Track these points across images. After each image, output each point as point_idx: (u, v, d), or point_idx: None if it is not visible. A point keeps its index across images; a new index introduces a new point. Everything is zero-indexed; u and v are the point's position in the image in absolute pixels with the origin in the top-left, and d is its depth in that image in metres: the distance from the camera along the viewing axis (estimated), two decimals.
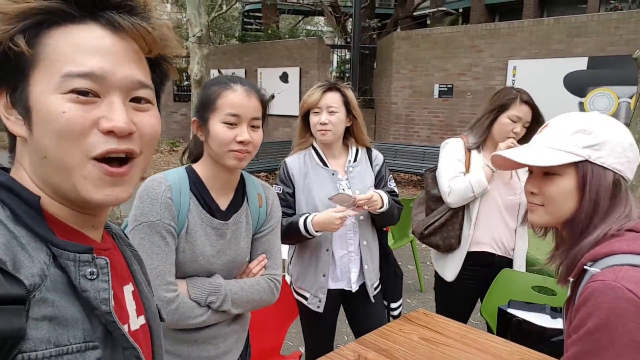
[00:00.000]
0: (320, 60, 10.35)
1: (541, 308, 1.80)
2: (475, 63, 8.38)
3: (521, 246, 2.08)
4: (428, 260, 4.54)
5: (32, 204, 0.53)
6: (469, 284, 2.10)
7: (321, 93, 1.84)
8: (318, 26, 21.08)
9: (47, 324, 0.48)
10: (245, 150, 1.23)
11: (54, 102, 0.51)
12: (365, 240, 1.93)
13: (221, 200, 1.32)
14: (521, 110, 1.95)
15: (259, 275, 1.36)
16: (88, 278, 0.52)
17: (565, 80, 7.45)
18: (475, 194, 1.99)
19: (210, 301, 1.23)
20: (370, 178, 1.95)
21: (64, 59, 0.51)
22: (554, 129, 1.02)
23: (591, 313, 0.84)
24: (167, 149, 11.91)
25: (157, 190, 1.22)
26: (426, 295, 3.77)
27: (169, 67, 0.64)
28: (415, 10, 13.47)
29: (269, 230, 1.41)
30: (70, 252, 0.52)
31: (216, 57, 11.60)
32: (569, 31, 7.48)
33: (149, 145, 0.59)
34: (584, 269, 0.92)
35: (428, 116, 9.01)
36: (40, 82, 0.51)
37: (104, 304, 0.53)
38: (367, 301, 1.96)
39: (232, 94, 1.23)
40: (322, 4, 13.35)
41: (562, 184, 0.97)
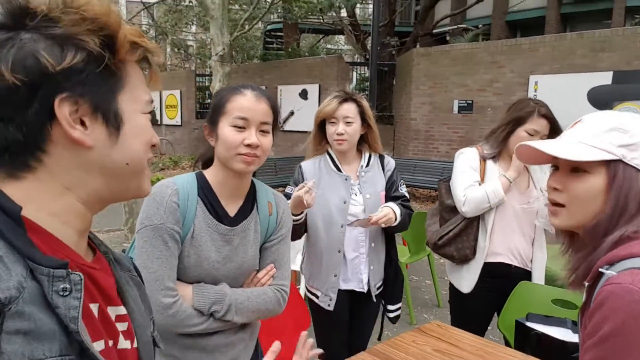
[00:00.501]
0: (339, 78, 10.44)
1: (562, 322, 1.72)
2: (496, 79, 8.31)
3: (540, 257, 2.01)
4: (446, 275, 4.45)
5: (12, 215, 0.53)
6: (486, 296, 2.04)
7: (338, 104, 1.90)
8: (338, 45, 21.34)
9: (20, 337, 0.47)
10: (254, 154, 1.22)
11: (144, 120, 0.63)
12: (373, 243, 1.99)
13: (230, 207, 1.31)
14: (539, 124, 1.90)
15: (266, 285, 1.34)
16: (60, 294, 0.51)
17: (589, 95, 7.30)
18: (491, 204, 1.94)
19: (214, 310, 1.22)
20: (382, 183, 2.00)
21: (140, 87, 0.62)
22: (587, 124, 0.96)
23: (606, 317, 0.79)
24: (189, 165, 12.13)
25: (163, 194, 1.22)
26: (443, 311, 3.68)
27: None
28: (434, 27, 13.53)
29: (279, 240, 1.39)
30: (44, 267, 0.51)
31: (238, 75, 11.83)
32: (592, 46, 7.36)
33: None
34: (600, 273, 0.87)
35: (447, 132, 8.95)
36: (129, 102, 0.60)
37: (73, 322, 0.51)
38: (369, 300, 2.03)
39: (241, 98, 1.23)
40: (342, 22, 13.55)
41: (590, 182, 0.91)
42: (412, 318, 3.48)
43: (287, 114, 10.82)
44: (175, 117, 14.15)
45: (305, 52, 14.03)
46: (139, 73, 0.62)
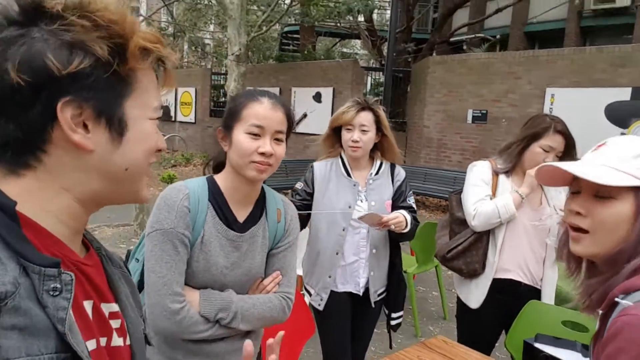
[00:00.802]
0: (354, 82, 10.42)
1: (571, 345, 1.68)
2: (512, 90, 8.23)
3: (550, 276, 1.98)
4: (453, 287, 4.40)
5: (7, 210, 0.53)
6: (494, 313, 2.01)
7: (355, 112, 1.94)
8: (354, 49, 21.34)
9: (16, 333, 0.47)
10: (267, 162, 1.22)
11: (150, 126, 0.62)
12: (375, 249, 2.01)
13: (240, 213, 1.31)
14: (554, 140, 1.88)
15: (272, 292, 1.34)
16: (50, 294, 0.51)
17: (606, 110, 7.19)
18: (501, 219, 1.92)
19: (220, 317, 1.22)
20: (389, 192, 2.02)
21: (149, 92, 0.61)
22: (613, 148, 0.93)
23: (621, 349, 0.77)
24: (200, 162, 12.19)
25: (175, 199, 1.22)
26: (450, 324, 3.63)
27: None
28: (452, 35, 13.45)
29: (286, 247, 1.39)
30: (35, 265, 0.51)
31: (253, 75, 11.87)
32: (612, 61, 7.25)
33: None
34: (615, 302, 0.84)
35: (460, 141, 8.87)
36: (136, 108, 0.59)
37: (60, 324, 0.51)
38: (367, 305, 2.05)
39: (258, 106, 1.23)
40: (359, 27, 13.53)
41: (617, 209, 0.88)
42: (417, 330, 3.44)
43: (300, 116, 10.84)
44: (190, 114, 14.25)
45: (321, 55, 14.02)
46: (150, 78, 0.62)
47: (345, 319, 2.07)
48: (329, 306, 2.00)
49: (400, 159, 2.07)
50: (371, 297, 2.02)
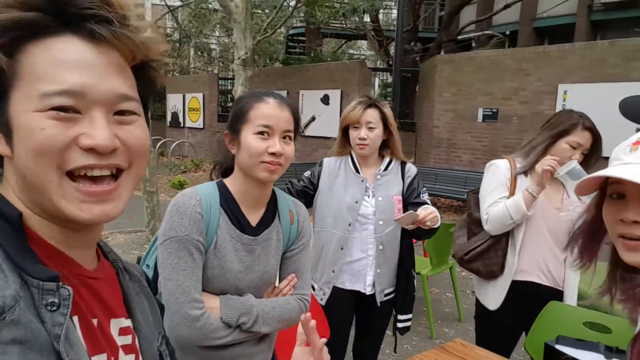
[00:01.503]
0: (361, 84, 10.40)
1: (594, 346, 1.63)
2: (522, 87, 8.13)
3: (572, 276, 1.92)
4: (468, 288, 4.34)
5: (12, 222, 0.51)
6: (513, 315, 1.96)
7: (362, 110, 1.95)
8: (361, 50, 21.33)
9: (17, 347, 0.45)
10: (277, 162, 1.21)
11: (34, 119, 0.49)
12: (381, 245, 1.98)
13: (252, 216, 1.30)
14: (583, 137, 1.82)
15: (288, 294, 1.33)
16: (48, 309, 0.49)
17: (621, 105, 7.07)
18: (514, 221, 1.86)
19: (242, 322, 1.21)
20: (397, 188, 2.02)
21: (42, 76, 0.50)
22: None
23: None
24: (210, 168, 12.24)
25: (187, 205, 1.21)
26: (465, 326, 3.57)
27: (156, 75, 0.61)
28: (459, 34, 13.36)
29: (300, 249, 1.38)
30: (34, 278, 0.49)
31: (260, 79, 11.91)
32: (625, 54, 7.13)
33: (138, 157, 0.57)
34: None
35: (471, 140, 8.79)
36: (20, 101, 0.50)
37: (56, 340, 0.49)
38: (374, 304, 2.02)
39: (264, 106, 1.23)
40: (365, 28, 13.51)
41: None
42: (432, 332, 3.39)
43: (309, 119, 10.83)
44: (198, 120, 14.33)
45: (328, 57, 14.02)
46: (48, 53, 0.50)
47: (347, 317, 2.07)
48: (331, 301, 2.00)
49: (401, 156, 2.06)
50: (377, 297, 2.00)
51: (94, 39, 0.52)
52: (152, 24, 0.57)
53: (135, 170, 0.57)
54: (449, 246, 3.69)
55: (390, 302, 2.06)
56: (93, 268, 0.61)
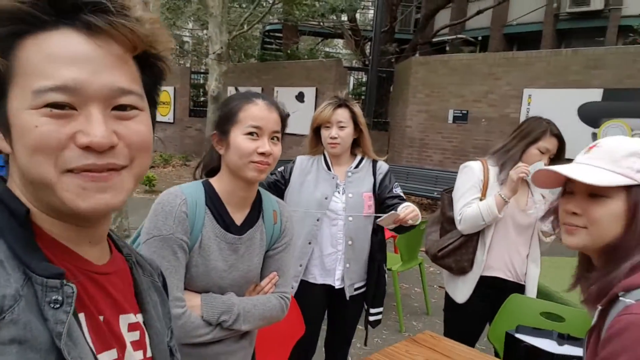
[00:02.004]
0: (337, 82, 10.48)
1: (548, 334, 1.78)
2: (492, 90, 8.42)
3: (534, 270, 2.07)
4: (435, 283, 4.50)
5: (19, 218, 0.51)
6: (479, 307, 2.09)
7: (332, 110, 1.99)
8: (337, 48, 21.40)
9: (16, 347, 0.45)
10: (266, 162, 1.24)
11: (28, 117, 0.48)
12: (350, 240, 2.02)
13: (237, 215, 1.32)
14: (551, 143, 1.95)
15: (270, 292, 1.36)
16: (51, 306, 0.48)
17: (579, 110, 7.44)
18: (486, 222, 1.98)
19: (223, 320, 1.23)
20: (368, 186, 2.06)
21: (36, 72, 0.48)
22: (605, 149, 0.97)
23: (625, 348, 0.79)
24: (180, 163, 12.04)
25: (172, 204, 1.22)
26: (432, 319, 3.72)
27: (162, 65, 0.59)
28: (434, 36, 13.63)
29: (283, 248, 1.41)
30: (38, 275, 0.48)
31: (234, 74, 11.79)
32: (586, 63, 7.50)
33: (140, 153, 0.55)
34: (614, 298, 0.87)
35: (442, 141, 9.03)
36: (16, 98, 0.49)
37: (58, 338, 0.48)
38: (344, 298, 2.06)
39: (253, 107, 1.25)
40: (342, 26, 13.59)
41: (610, 207, 0.92)
42: (401, 326, 3.52)
43: None
44: (168, 114, 13.98)
45: (304, 54, 14.03)
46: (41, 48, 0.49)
47: (318, 311, 2.09)
48: (302, 296, 2.01)
49: (372, 154, 2.11)
50: (346, 291, 2.04)
51: (90, 30, 0.49)
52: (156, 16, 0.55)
53: (138, 166, 0.56)
54: (419, 243, 3.83)
55: (361, 297, 2.10)
56: (103, 263, 0.60)
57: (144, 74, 0.57)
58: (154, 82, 0.60)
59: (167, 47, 0.57)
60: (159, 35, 0.55)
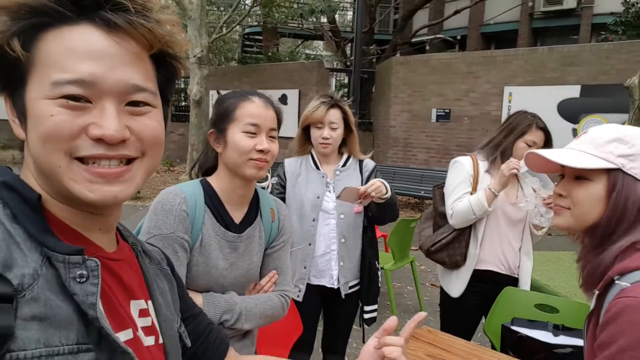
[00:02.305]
0: (319, 84, 10.51)
1: (544, 325, 1.82)
2: (472, 89, 8.56)
3: (526, 263, 2.11)
4: (427, 281, 4.55)
5: (32, 204, 0.53)
6: (474, 301, 2.13)
7: (325, 110, 1.98)
8: (317, 50, 21.45)
9: (37, 324, 0.47)
10: (264, 159, 1.25)
11: (44, 106, 0.50)
12: (343, 238, 2.03)
13: (235, 214, 1.32)
14: (537, 136, 2.00)
15: (270, 291, 1.37)
16: (77, 281, 0.50)
17: (559, 107, 7.62)
18: (477, 216, 2.02)
19: (225, 319, 1.23)
20: (356, 182, 2.07)
21: (55, 64, 0.50)
22: (592, 135, 1.01)
23: (623, 330, 0.81)
24: (164, 169, 11.90)
25: (172, 203, 1.21)
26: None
27: (177, 65, 0.61)
28: (413, 37, 13.79)
29: (281, 246, 1.42)
30: (59, 253, 0.50)
31: (215, 78, 11.72)
32: (562, 60, 7.69)
33: (152, 148, 0.57)
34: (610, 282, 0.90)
35: (426, 140, 9.13)
36: (34, 88, 0.51)
37: (92, 309, 0.50)
38: (340, 297, 2.07)
39: (250, 105, 1.26)
40: (323, 28, 13.64)
41: (591, 189, 0.97)
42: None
43: None
44: None
45: (285, 56, 14.03)
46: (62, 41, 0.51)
47: (315, 312, 2.10)
48: (307, 300, 2.02)
49: (359, 154, 2.12)
50: (341, 289, 2.04)
51: (109, 27, 0.51)
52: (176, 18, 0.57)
53: (149, 160, 0.57)
54: (410, 241, 3.87)
55: (355, 295, 2.11)
56: (112, 251, 0.61)
57: (159, 73, 0.59)
58: (168, 81, 0.61)
59: (183, 49, 0.59)
60: (176, 36, 0.57)
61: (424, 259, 2.33)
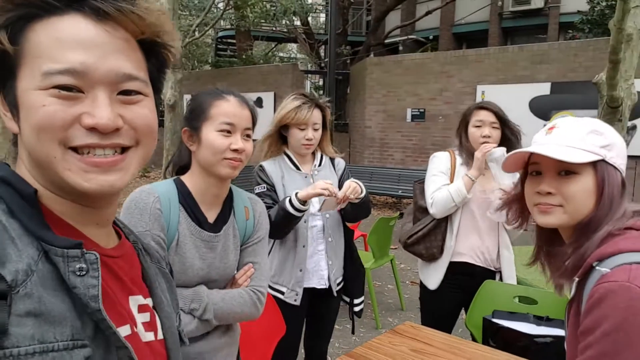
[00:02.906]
0: (294, 86, 10.50)
1: (524, 317, 1.84)
2: (446, 88, 8.69)
3: (507, 255, 2.13)
4: (407, 279, 4.57)
5: (28, 198, 0.52)
6: (452, 293, 2.14)
7: (309, 111, 1.93)
8: (291, 53, 21.44)
9: (31, 320, 0.46)
10: (239, 158, 1.24)
11: (36, 96, 0.50)
12: (330, 237, 2.03)
13: (209, 213, 1.31)
14: (480, 115, 2.07)
15: (243, 286, 1.34)
16: (77, 274, 0.50)
17: (530, 104, 7.81)
18: (456, 203, 2.04)
19: (193, 308, 1.21)
20: (333, 181, 2.06)
21: (45, 54, 0.50)
22: (566, 129, 1.01)
23: (606, 315, 0.82)
24: (139, 175, 11.67)
25: (146, 201, 1.20)
26: (407, 314, 3.77)
27: (167, 53, 0.61)
28: (386, 37, 13.93)
29: (256, 242, 1.40)
30: (57, 247, 0.50)
31: (190, 81, 11.59)
32: (532, 58, 7.88)
33: (145, 136, 0.57)
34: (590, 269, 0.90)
35: (402, 139, 9.22)
36: (25, 79, 0.51)
37: (94, 301, 0.50)
38: (330, 297, 2.06)
39: (225, 104, 1.24)
40: (296, 30, 13.64)
41: (582, 183, 0.96)
42: (377, 322, 3.54)
43: None
44: None
45: (259, 59, 13.97)
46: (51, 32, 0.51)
47: (300, 315, 2.08)
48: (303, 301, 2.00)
49: (332, 152, 2.12)
50: (333, 287, 2.05)
51: (98, 16, 0.51)
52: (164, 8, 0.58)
53: (143, 148, 0.57)
54: (390, 239, 3.88)
55: (341, 291, 2.11)
56: (110, 247, 0.61)
57: (149, 62, 0.59)
58: (159, 69, 0.61)
59: (172, 37, 0.59)
60: (165, 25, 0.57)
61: (404, 258, 2.34)
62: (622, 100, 3.44)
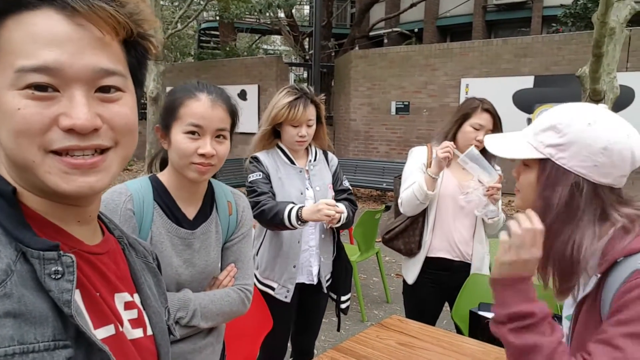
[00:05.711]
0: (278, 79, 10.42)
1: None
2: (430, 81, 8.71)
3: (479, 249, 2.11)
4: (392, 272, 4.58)
5: (7, 197, 0.51)
6: (430, 287, 2.15)
7: (304, 109, 1.87)
8: (275, 45, 21.27)
9: (10, 320, 0.45)
10: (208, 163, 1.17)
11: (10, 99, 0.48)
12: (323, 234, 2.02)
13: (188, 210, 1.27)
14: (482, 118, 2.02)
15: (229, 286, 1.31)
16: (52, 277, 0.49)
17: (514, 97, 7.87)
18: (420, 201, 2.01)
19: (179, 317, 1.19)
20: (328, 176, 2.06)
21: (17, 51, 0.48)
22: (536, 121, 1.03)
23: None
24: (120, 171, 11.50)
25: (117, 202, 1.16)
26: (392, 306, 3.78)
27: (147, 44, 0.59)
28: (371, 30, 13.90)
29: (240, 239, 1.37)
30: (34, 249, 0.49)
31: (172, 74, 11.43)
32: (516, 52, 7.94)
33: (125, 136, 0.55)
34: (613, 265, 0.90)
35: (386, 132, 9.23)
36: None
37: (66, 306, 0.49)
38: (320, 293, 2.05)
39: (195, 104, 1.17)
40: (280, 22, 13.52)
41: (528, 176, 1.02)
42: (363, 315, 3.54)
43: None
44: None
45: (243, 52, 13.83)
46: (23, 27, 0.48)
47: (289, 311, 2.06)
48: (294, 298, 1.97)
49: (327, 145, 2.10)
50: (323, 284, 2.04)
51: (69, 11, 0.49)
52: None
53: (123, 149, 0.56)
54: (375, 232, 3.88)
55: (328, 288, 2.10)
56: (94, 244, 0.60)
57: (129, 54, 0.56)
58: (139, 61, 0.59)
59: (153, 26, 0.57)
60: (144, 13, 0.54)
61: (389, 250, 2.33)
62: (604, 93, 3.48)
